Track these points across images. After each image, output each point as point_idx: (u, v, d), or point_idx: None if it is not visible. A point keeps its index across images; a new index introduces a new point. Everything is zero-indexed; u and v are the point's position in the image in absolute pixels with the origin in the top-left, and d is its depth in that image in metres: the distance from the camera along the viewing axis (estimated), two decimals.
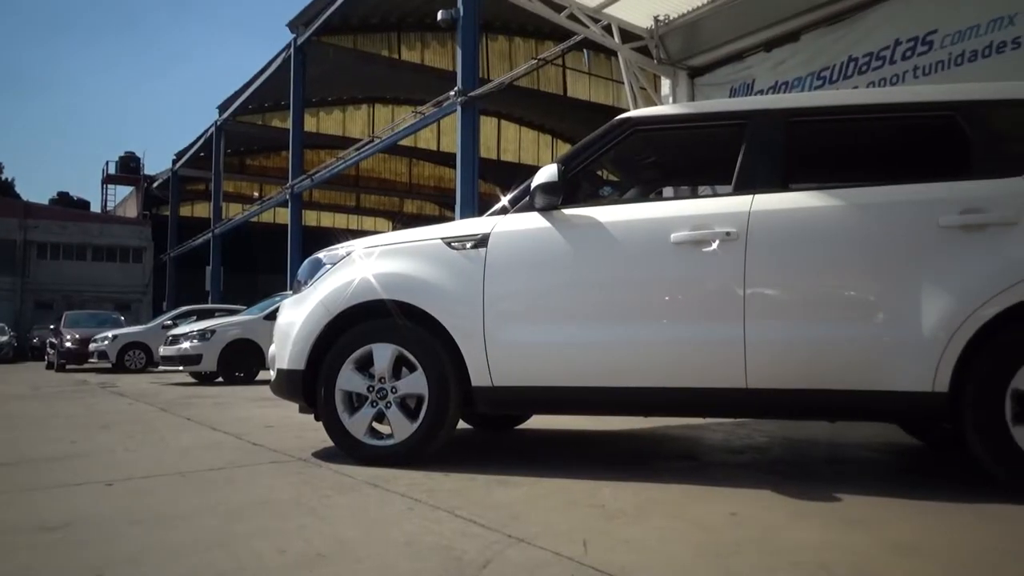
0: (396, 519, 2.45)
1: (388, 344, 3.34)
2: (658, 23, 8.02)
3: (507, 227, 3.34)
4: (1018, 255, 2.73)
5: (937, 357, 2.75)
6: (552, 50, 15.43)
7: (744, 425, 4.80)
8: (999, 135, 3.02)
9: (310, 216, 32.43)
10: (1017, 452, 2.65)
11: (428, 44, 26.57)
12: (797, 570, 1.94)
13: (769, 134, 3.19)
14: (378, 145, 18.88)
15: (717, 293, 3.05)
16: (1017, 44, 5.54)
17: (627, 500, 2.70)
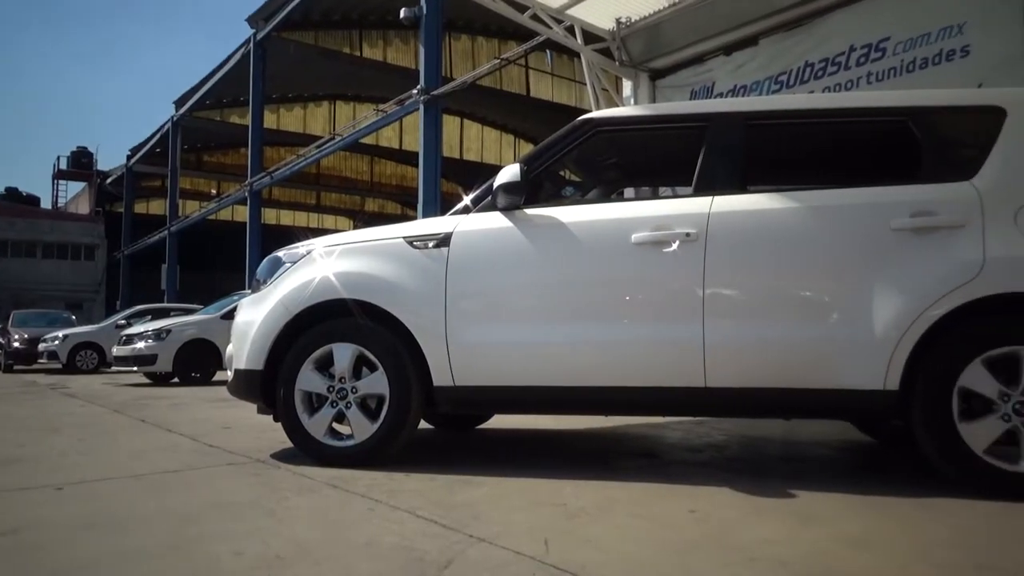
0: (356, 520, 2.43)
1: (349, 344, 3.31)
2: (620, 25, 8.09)
3: (469, 227, 3.34)
4: (965, 257, 2.81)
5: (888, 356, 2.82)
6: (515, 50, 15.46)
7: (703, 423, 4.87)
8: (948, 140, 3.11)
9: (269, 214, 31.96)
10: (964, 448, 2.74)
11: (391, 42, 26.40)
12: (754, 565, 1.97)
13: (728, 136, 3.24)
14: (339, 143, 18.70)
15: (677, 293, 3.09)
16: (966, 52, 5.72)
17: (588, 499, 2.72)
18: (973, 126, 3.10)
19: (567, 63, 26.23)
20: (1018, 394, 2.70)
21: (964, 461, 2.74)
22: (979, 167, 2.95)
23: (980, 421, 2.74)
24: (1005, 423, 2.71)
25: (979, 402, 2.76)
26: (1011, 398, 2.71)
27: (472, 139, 32.31)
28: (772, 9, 6.98)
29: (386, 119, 15.99)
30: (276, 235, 17.98)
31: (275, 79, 22.81)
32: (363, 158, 33.42)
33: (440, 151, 13.40)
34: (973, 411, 2.77)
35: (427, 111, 12.90)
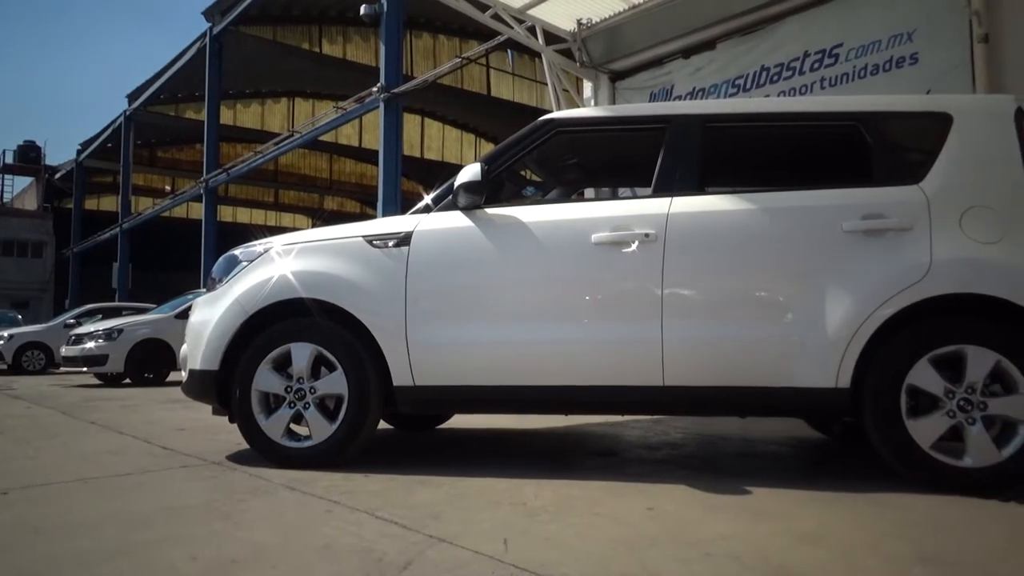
0: (314, 522, 2.40)
1: (307, 344, 3.28)
2: (581, 26, 8.13)
3: (430, 226, 3.33)
4: (913, 259, 2.90)
5: (840, 355, 2.89)
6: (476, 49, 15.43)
7: (661, 422, 4.93)
8: (897, 145, 3.20)
9: (225, 212, 31.37)
10: (912, 443, 2.82)
11: (350, 38, 26.13)
12: (710, 561, 2.01)
13: (687, 138, 3.29)
14: (298, 140, 18.45)
15: (636, 293, 3.12)
16: (915, 59, 5.88)
17: (548, 497, 2.73)
18: (921, 131, 3.20)
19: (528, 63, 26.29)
20: (962, 391, 2.79)
21: (912, 456, 2.83)
22: (927, 171, 3.04)
23: (927, 418, 2.82)
24: (950, 419, 2.80)
25: (926, 399, 2.85)
26: (956, 395, 2.80)
27: (433, 138, 32.17)
28: (729, 14, 7.09)
29: (346, 117, 15.82)
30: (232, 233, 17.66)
31: (232, 74, 22.40)
32: (322, 156, 33.02)
33: (400, 149, 13.31)
34: (920, 408, 2.86)
35: (387, 109, 12.80)
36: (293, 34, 24.87)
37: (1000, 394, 2.80)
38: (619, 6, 7.78)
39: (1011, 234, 2.90)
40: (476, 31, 22.22)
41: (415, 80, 14.14)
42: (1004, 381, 2.80)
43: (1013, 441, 2.76)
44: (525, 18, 7.97)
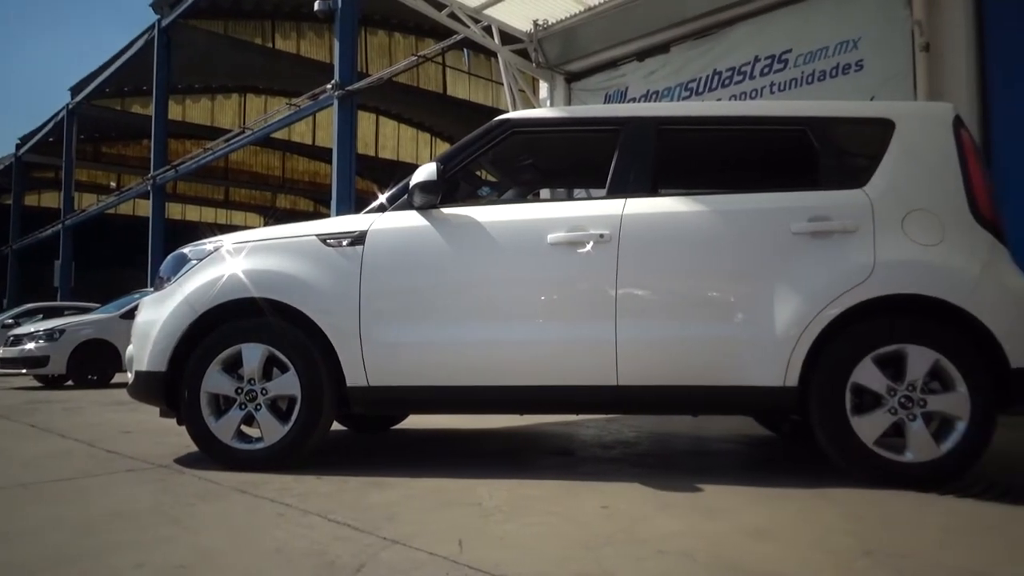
0: (265, 525, 2.36)
1: (258, 344, 3.22)
2: (537, 27, 8.17)
3: (385, 225, 3.31)
4: (858, 260, 2.99)
5: (788, 354, 2.96)
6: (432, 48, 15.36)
7: (615, 421, 4.97)
8: (843, 150, 3.29)
9: (174, 209, 30.62)
10: (856, 440, 2.90)
11: (304, 34, 25.75)
12: (662, 558, 2.03)
13: (641, 141, 3.33)
14: (249, 137, 18.10)
15: (591, 293, 3.15)
16: (860, 66, 6.06)
17: (502, 497, 2.73)
18: (865, 137, 3.29)
19: (484, 63, 26.27)
20: (904, 389, 2.89)
21: (856, 452, 2.91)
22: (871, 176, 3.14)
23: (870, 415, 2.91)
24: (892, 416, 2.89)
25: (869, 397, 2.93)
26: (897, 393, 2.89)
27: (388, 136, 31.90)
28: (682, 18, 7.21)
29: (299, 114, 15.57)
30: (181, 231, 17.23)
31: (181, 68, 21.87)
32: (275, 153, 32.47)
33: (355, 148, 13.15)
34: (864, 405, 2.94)
35: (342, 107, 12.65)
36: (245, 28, 24.39)
37: (939, 392, 2.90)
38: (575, 8, 7.84)
39: (949, 237, 3.01)
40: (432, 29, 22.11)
41: (370, 78, 13.99)
42: (943, 379, 2.90)
43: (950, 437, 2.87)
44: (481, 18, 7.97)
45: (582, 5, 7.77)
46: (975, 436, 2.85)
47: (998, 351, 2.88)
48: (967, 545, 2.17)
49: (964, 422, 2.85)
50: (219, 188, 33.93)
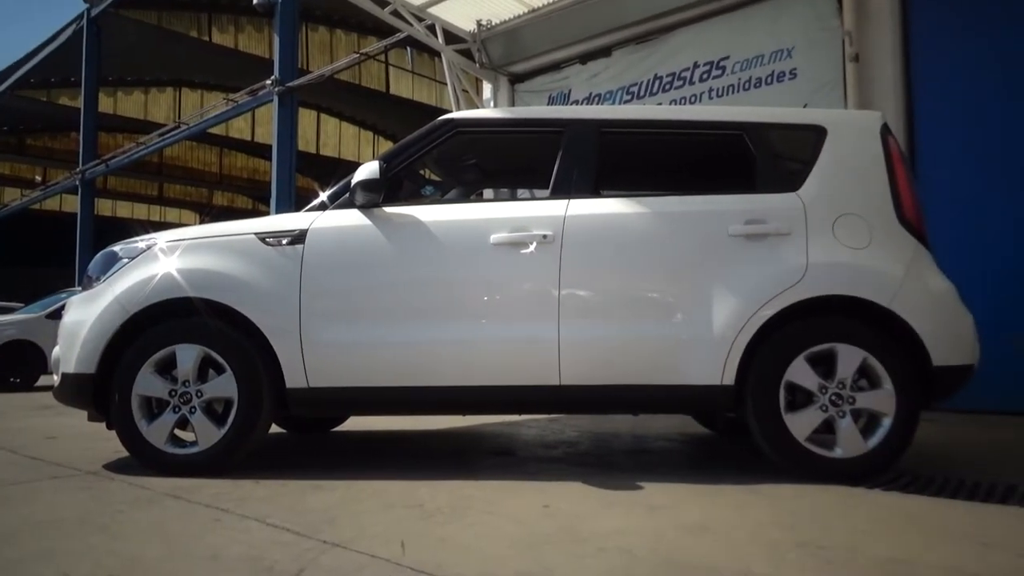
0: (200, 532, 2.30)
1: (193, 345, 3.14)
2: (481, 28, 8.17)
3: (326, 224, 3.26)
4: (791, 263, 3.08)
5: (725, 354, 3.03)
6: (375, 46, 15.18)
7: (557, 420, 5.01)
8: (777, 155, 3.39)
9: (104, 205, 29.50)
10: (789, 437, 2.99)
11: (243, 28, 25.14)
12: (603, 555, 2.06)
13: (583, 143, 3.36)
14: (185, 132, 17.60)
15: (533, 294, 3.17)
16: (794, 75, 6.25)
17: (444, 498, 2.72)
18: (799, 143, 3.39)
19: (428, 62, 26.10)
20: (834, 387, 2.99)
21: (789, 449, 3.00)
22: (804, 180, 3.24)
23: (802, 412, 3.00)
24: (823, 413, 2.99)
25: (802, 395, 3.03)
26: (828, 390, 2.99)
27: (329, 134, 31.42)
28: (623, 23, 7.30)
29: (237, 109, 15.22)
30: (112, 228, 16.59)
31: (112, 59, 21.10)
32: (212, 149, 31.61)
33: (295, 145, 12.92)
34: (797, 403, 3.04)
35: (282, 103, 12.42)
36: (180, 20, 23.67)
37: (867, 389, 3.01)
38: (518, 9, 7.87)
39: (877, 240, 3.14)
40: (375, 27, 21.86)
41: (311, 74, 13.77)
42: (870, 377, 3.02)
43: (877, 433, 2.98)
44: (425, 16, 7.93)
45: (525, 7, 7.80)
46: (900, 432, 2.98)
47: (921, 350, 3.02)
48: (891, 536, 2.26)
49: (890, 418, 2.97)
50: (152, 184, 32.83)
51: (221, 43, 24.22)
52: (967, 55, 5.47)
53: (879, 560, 2.01)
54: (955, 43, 5.54)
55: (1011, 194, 5.23)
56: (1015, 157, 5.23)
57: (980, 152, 5.38)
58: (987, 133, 5.36)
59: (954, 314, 3.14)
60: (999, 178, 5.28)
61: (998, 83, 5.32)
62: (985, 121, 5.38)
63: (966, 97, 5.46)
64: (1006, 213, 5.24)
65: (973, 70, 5.43)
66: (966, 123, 5.46)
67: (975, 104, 5.42)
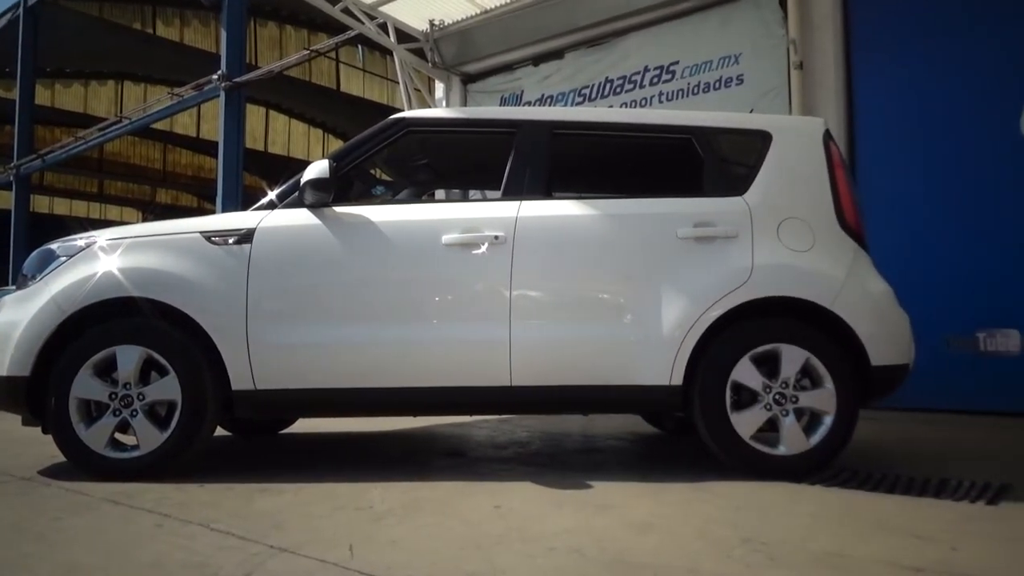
0: (141, 538, 2.24)
1: (135, 346, 3.05)
2: (433, 27, 8.13)
3: (274, 223, 3.21)
4: (737, 265, 3.15)
5: (674, 354, 3.08)
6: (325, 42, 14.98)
7: (508, 421, 5.02)
8: (725, 159, 3.46)
9: (40, 202, 28.43)
10: (735, 435, 3.06)
11: (188, 22, 24.55)
12: (553, 554, 2.07)
13: (535, 144, 3.38)
14: (127, 126, 17.06)
15: (485, 294, 3.17)
16: (741, 81, 6.38)
17: (395, 500, 2.71)
18: (745, 147, 3.47)
19: (380, 60, 25.88)
20: (778, 386, 3.07)
21: (735, 447, 3.07)
22: (749, 184, 3.32)
23: (748, 411, 3.07)
24: (767, 412, 3.06)
25: (747, 394, 3.10)
26: (772, 390, 3.07)
27: (278, 131, 30.87)
28: (575, 26, 7.36)
29: (182, 104, 14.82)
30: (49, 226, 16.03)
31: (51, 51, 20.33)
32: (155, 145, 30.73)
33: (242, 142, 12.66)
34: (742, 402, 3.10)
35: (229, 99, 12.15)
36: (123, 12, 23.00)
37: (809, 388, 3.10)
38: (471, 10, 7.86)
39: (819, 244, 3.23)
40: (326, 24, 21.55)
41: (260, 70, 13.50)
42: (812, 376, 3.10)
43: (819, 430, 3.07)
44: (377, 14, 7.85)
45: (478, 8, 7.80)
46: (841, 429, 3.07)
47: (860, 350, 3.11)
48: (832, 530, 2.33)
49: (831, 416, 3.06)
50: (92, 180, 31.77)
51: (165, 36, 23.63)
52: (906, 64, 5.67)
53: (820, 554, 2.07)
54: (895, 52, 5.74)
55: (946, 199, 5.44)
56: (951, 164, 5.43)
57: (918, 158, 5.58)
58: (925, 140, 5.56)
59: (891, 315, 3.26)
60: (936, 184, 5.49)
61: (936, 91, 5.52)
62: (923, 128, 5.57)
63: (905, 105, 5.65)
64: (941, 218, 5.45)
65: (912, 78, 5.63)
66: (905, 130, 5.66)
67: (914, 112, 5.62)
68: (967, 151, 5.37)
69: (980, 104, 5.33)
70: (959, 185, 5.39)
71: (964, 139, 5.38)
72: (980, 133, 5.33)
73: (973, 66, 5.37)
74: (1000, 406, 5.01)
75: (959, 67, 5.43)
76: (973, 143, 5.35)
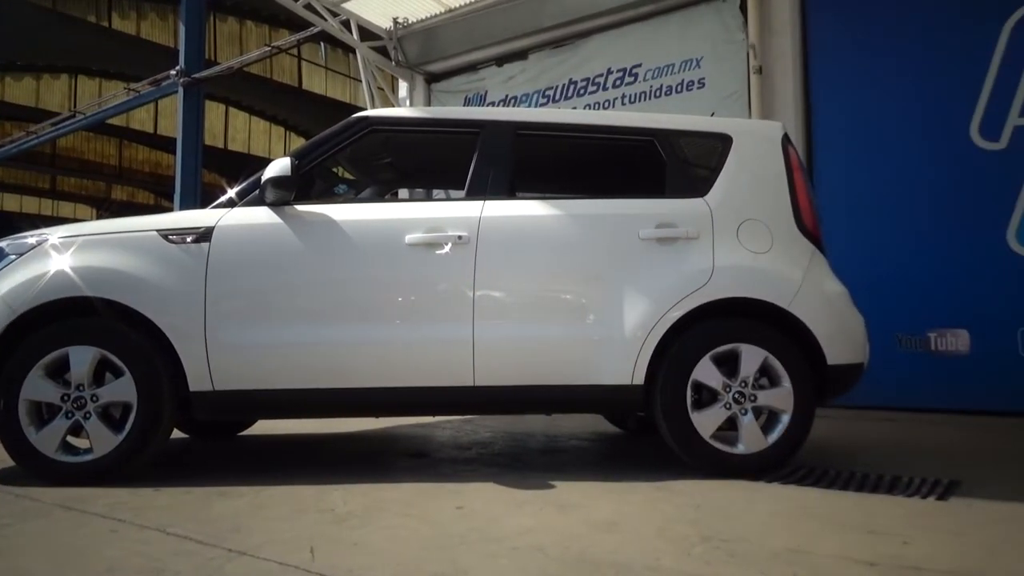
0: (95, 544, 2.18)
1: (88, 347, 2.98)
2: (397, 25, 8.09)
3: (234, 221, 3.16)
4: (698, 266, 3.19)
5: (636, 354, 3.11)
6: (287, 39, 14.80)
7: (471, 421, 5.01)
8: (686, 161, 3.50)
9: None
10: (696, 434, 3.09)
11: (145, 15, 24.05)
12: (516, 554, 2.08)
13: (499, 144, 3.38)
14: (81, 121, 16.64)
15: (448, 294, 3.16)
16: (702, 84, 6.47)
17: (357, 502, 2.68)
18: (706, 150, 3.52)
19: (342, 58, 25.65)
20: (737, 385, 3.11)
21: (695, 446, 3.10)
22: (710, 186, 3.36)
23: (708, 410, 3.11)
24: (727, 411, 3.11)
25: (707, 393, 3.14)
26: (732, 389, 3.11)
27: (238, 129, 30.38)
28: (539, 27, 7.38)
29: (139, 99, 14.50)
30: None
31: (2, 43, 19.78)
32: (111, 141, 29.99)
33: (201, 139, 12.43)
34: (702, 401, 3.15)
35: (187, 95, 11.92)
36: (77, 5, 22.44)
37: (767, 387, 3.15)
38: (435, 9, 7.84)
39: (777, 245, 3.28)
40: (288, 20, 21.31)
41: (220, 66, 13.29)
42: (770, 376, 3.15)
43: (777, 429, 3.12)
44: (340, 11, 7.78)
45: (442, 7, 7.78)
46: (798, 427, 3.13)
47: (817, 350, 3.18)
48: (789, 527, 2.38)
49: (788, 415, 3.12)
50: (44, 176, 30.90)
51: (122, 30, 23.11)
52: (862, 71, 5.81)
53: (778, 551, 2.11)
54: (851, 59, 5.87)
55: (899, 203, 5.58)
56: (905, 168, 5.58)
57: (873, 163, 5.72)
58: (880, 145, 5.70)
59: (847, 316, 3.33)
60: (891, 187, 5.63)
61: (891, 98, 5.66)
62: (878, 133, 5.72)
63: (861, 110, 5.79)
64: (895, 220, 5.59)
65: (868, 85, 5.76)
66: (860, 135, 5.80)
67: (869, 117, 5.76)
68: (920, 156, 5.53)
69: (933, 111, 5.49)
70: (912, 189, 5.54)
71: (917, 144, 5.54)
72: (933, 139, 5.49)
73: (926, 74, 5.53)
74: (950, 404, 5.16)
75: (913, 75, 5.59)
76: (926, 148, 5.51)
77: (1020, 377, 5.02)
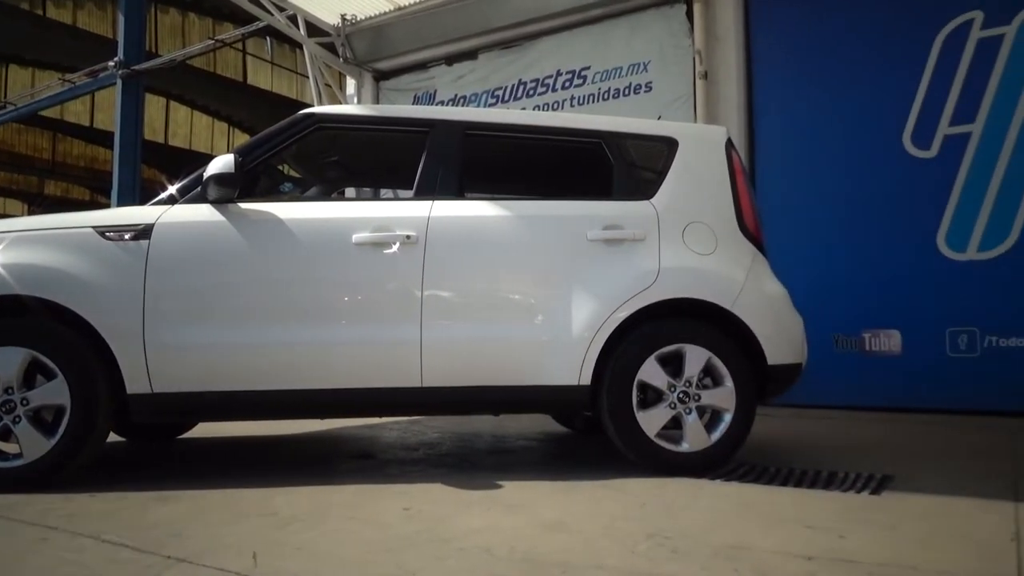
0: (23, 553, 2.10)
1: (17, 348, 2.86)
2: (345, 22, 8.00)
3: (174, 218, 3.07)
4: (644, 267, 3.24)
5: (583, 354, 3.14)
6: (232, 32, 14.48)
7: (418, 422, 4.99)
8: (633, 163, 3.55)
9: None
10: (641, 433, 3.14)
11: (82, 4, 23.22)
12: (463, 555, 2.07)
13: (448, 144, 3.37)
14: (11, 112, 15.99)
15: (396, 294, 3.14)
16: (649, 88, 6.57)
17: (301, 505, 2.64)
18: (653, 153, 3.57)
19: (289, 53, 25.23)
20: (681, 385, 3.17)
21: (641, 445, 3.15)
22: (657, 189, 3.42)
23: (653, 409, 3.16)
24: (672, 410, 3.16)
25: (652, 393, 3.19)
26: (676, 388, 3.17)
27: (180, 123, 29.58)
28: (489, 27, 7.39)
29: (74, 91, 13.99)
30: None
31: None
32: (44, 133, 28.87)
33: (141, 133, 12.06)
34: (648, 401, 3.19)
35: (126, 87, 11.55)
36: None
37: (710, 387, 3.22)
38: (384, 6, 7.77)
39: (721, 247, 3.35)
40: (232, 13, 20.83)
41: (161, 58, 12.92)
42: (713, 375, 3.22)
43: (719, 427, 3.19)
44: (286, 6, 7.65)
45: (392, 4, 7.72)
46: (739, 426, 3.20)
47: (758, 350, 3.26)
48: (731, 523, 2.43)
49: (730, 413, 3.19)
50: None
51: (57, 19, 22.27)
52: (802, 79, 5.98)
53: (720, 547, 2.15)
54: (791, 68, 6.04)
55: (837, 206, 5.76)
56: (842, 174, 5.76)
57: (812, 168, 5.89)
58: (818, 151, 5.87)
59: (787, 316, 3.42)
60: (827, 192, 5.81)
61: (829, 106, 5.84)
62: (817, 140, 5.89)
63: (801, 117, 5.96)
64: (832, 223, 5.77)
65: (807, 93, 5.94)
66: (800, 141, 5.96)
67: (809, 124, 5.93)
68: (856, 162, 5.72)
69: (869, 119, 5.69)
70: (849, 194, 5.73)
71: (854, 151, 5.73)
72: (868, 146, 5.68)
73: (863, 84, 5.72)
74: (884, 402, 5.35)
75: (850, 85, 5.77)
76: (862, 155, 5.70)
77: (948, 376, 5.23)
